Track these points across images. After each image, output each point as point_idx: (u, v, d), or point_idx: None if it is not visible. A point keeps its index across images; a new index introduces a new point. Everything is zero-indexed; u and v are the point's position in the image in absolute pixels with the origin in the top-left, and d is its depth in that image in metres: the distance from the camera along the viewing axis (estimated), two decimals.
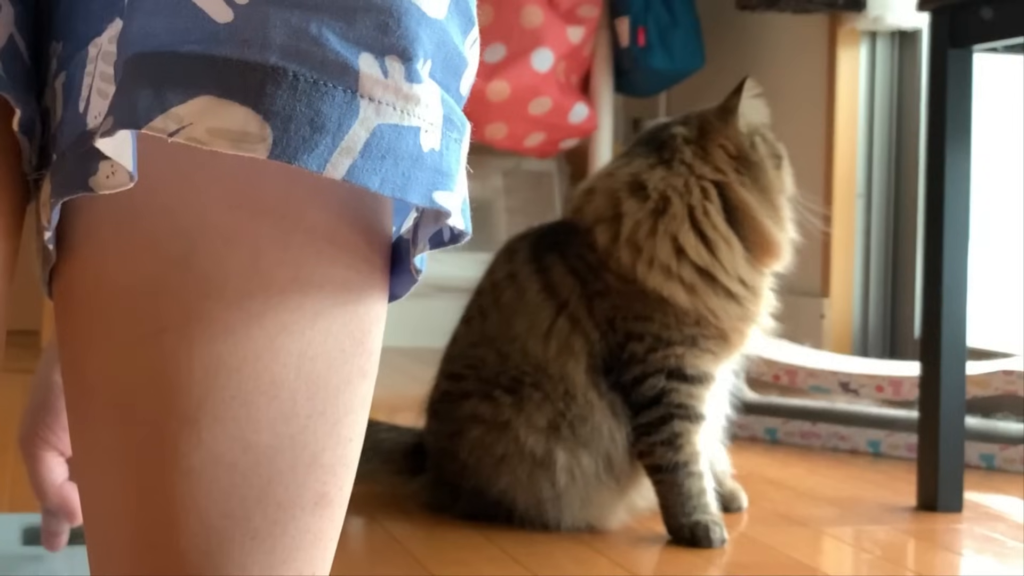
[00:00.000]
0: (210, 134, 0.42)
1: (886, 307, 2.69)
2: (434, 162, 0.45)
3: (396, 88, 0.44)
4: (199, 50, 0.42)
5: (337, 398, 0.48)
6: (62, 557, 1.21)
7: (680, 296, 1.35)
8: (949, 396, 1.52)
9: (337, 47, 0.43)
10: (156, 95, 0.42)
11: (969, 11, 1.49)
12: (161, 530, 0.47)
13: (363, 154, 0.43)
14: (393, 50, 0.44)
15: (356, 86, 0.43)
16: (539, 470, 1.36)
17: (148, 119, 0.42)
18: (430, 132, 0.45)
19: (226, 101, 0.42)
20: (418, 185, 0.44)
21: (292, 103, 0.42)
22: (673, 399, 1.36)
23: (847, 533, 1.44)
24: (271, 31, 0.42)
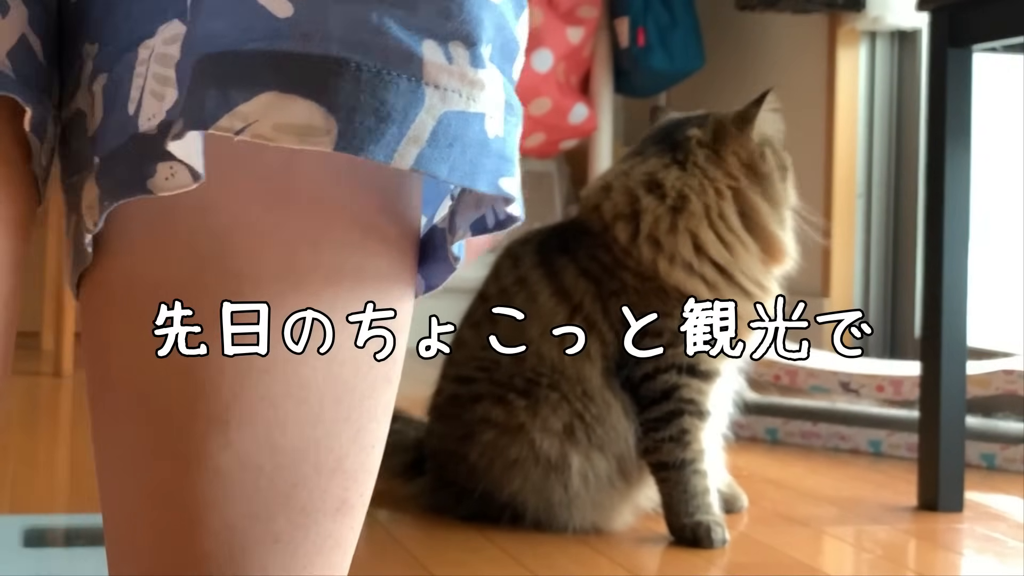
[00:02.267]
0: (275, 130, 0.42)
1: (886, 307, 2.69)
2: (499, 148, 0.44)
3: (461, 74, 0.43)
4: (261, 47, 0.42)
5: (362, 404, 0.48)
6: (63, 558, 1.21)
7: (702, 292, 1.35)
8: (950, 396, 1.52)
9: (399, 35, 0.42)
10: (222, 95, 0.42)
11: (969, 11, 1.49)
12: (184, 530, 0.47)
13: (430, 143, 0.42)
14: (456, 35, 0.43)
15: (420, 74, 0.42)
16: (553, 474, 1.36)
17: (215, 119, 0.42)
18: (494, 118, 0.44)
19: (290, 96, 0.42)
20: (485, 172, 0.44)
21: (356, 94, 0.41)
22: (683, 394, 1.36)
23: (848, 533, 1.44)
24: (331, 23, 0.42)
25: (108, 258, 0.48)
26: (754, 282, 1.38)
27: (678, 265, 1.36)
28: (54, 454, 1.82)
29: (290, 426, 0.47)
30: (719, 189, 1.38)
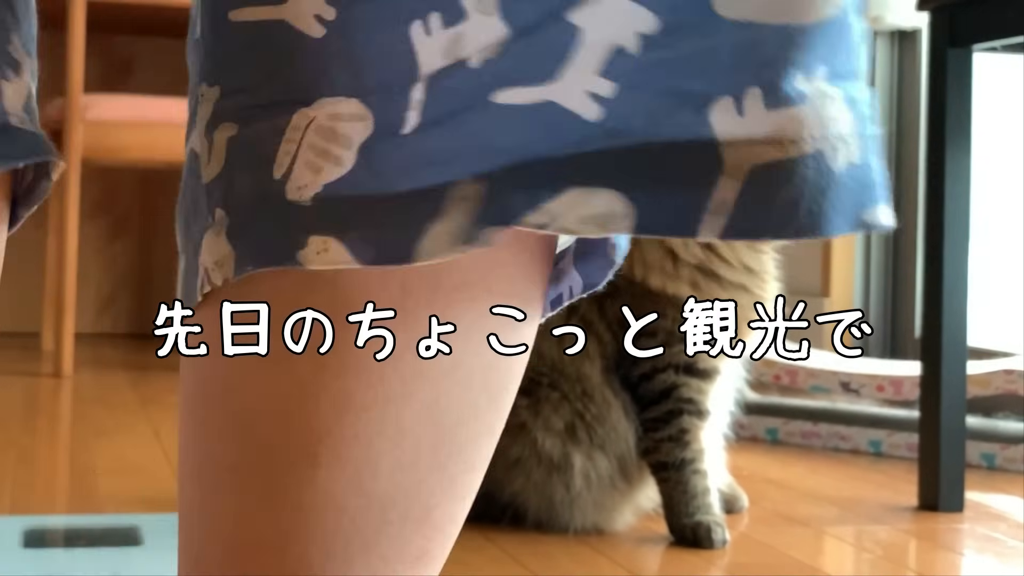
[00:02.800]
0: (579, 222, 0.41)
1: (887, 307, 2.69)
2: (857, 177, 0.39)
3: (761, 120, 0.39)
4: (570, 152, 0.41)
5: (460, 454, 0.46)
6: (63, 558, 1.21)
7: (686, 291, 1.35)
8: (950, 396, 1.52)
9: (688, 110, 0.40)
10: (527, 194, 0.41)
11: (969, 11, 1.49)
12: (256, 559, 0.46)
13: (738, 205, 0.39)
14: (753, 83, 0.39)
15: (711, 135, 0.39)
16: (555, 474, 1.35)
17: (521, 216, 0.41)
18: (838, 148, 0.39)
19: (592, 189, 0.41)
20: (838, 212, 0.39)
21: (650, 175, 0.40)
22: (683, 394, 1.36)
23: (848, 533, 1.44)
24: (634, 120, 0.41)
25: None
26: (745, 270, 1.36)
27: (654, 270, 1.35)
28: (54, 455, 1.82)
29: (382, 469, 0.44)
30: None
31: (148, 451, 1.77)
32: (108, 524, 1.33)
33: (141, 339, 3.22)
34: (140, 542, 1.24)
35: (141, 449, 1.79)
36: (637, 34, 0.41)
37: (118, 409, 2.16)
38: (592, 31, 0.41)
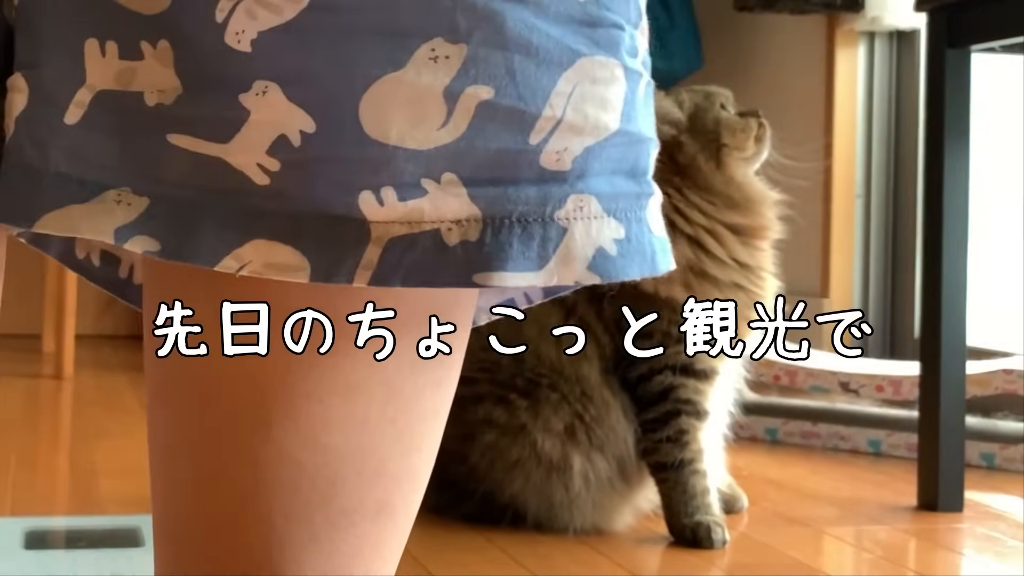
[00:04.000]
0: (264, 268, 0.50)
1: (886, 307, 2.69)
2: (465, 251, 0.49)
3: (395, 208, 0.50)
4: (243, 205, 0.50)
5: (409, 406, 0.51)
6: (63, 560, 1.21)
7: (679, 295, 1.35)
8: (949, 395, 1.53)
9: (343, 196, 0.50)
10: (221, 241, 0.50)
11: (966, 11, 1.49)
12: (225, 523, 0.50)
13: (380, 263, 0.49)
14: (388, 183, 0.50)
15: (362, 216, 0.49)
16: (555, 475, 1.36)
17: (214, 259, 0.50)
18: (453, 229, 0.50)
19: (274, 243, 0.50)
20: (444, 273, 0.49)
21: (318, 239, 0.50)
22: (680, 395, 1.36)
23: (848, 533, 1.45)
24: (299, 191, 0.50)
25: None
26: (739, 266, 1.37)
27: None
28: (55, 456, 1.82)
29: (334, 424, 0.49)
30: (668, 190, 1.37)
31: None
32: (109, 525, 1.33)
33: (141, 341, 3.22)
34: (141, 543, 1.24)
35: (141, 450, 1.79)
36: (298, 130, 0.52)
37: (118, 411, 2.16)
38: (257, 115, 0.51)
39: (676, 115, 1.40)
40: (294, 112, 0.53)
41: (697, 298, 1.42)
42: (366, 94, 0.53)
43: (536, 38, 0.51)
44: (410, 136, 0.53)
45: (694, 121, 1.40)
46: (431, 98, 0.53)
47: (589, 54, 0.52)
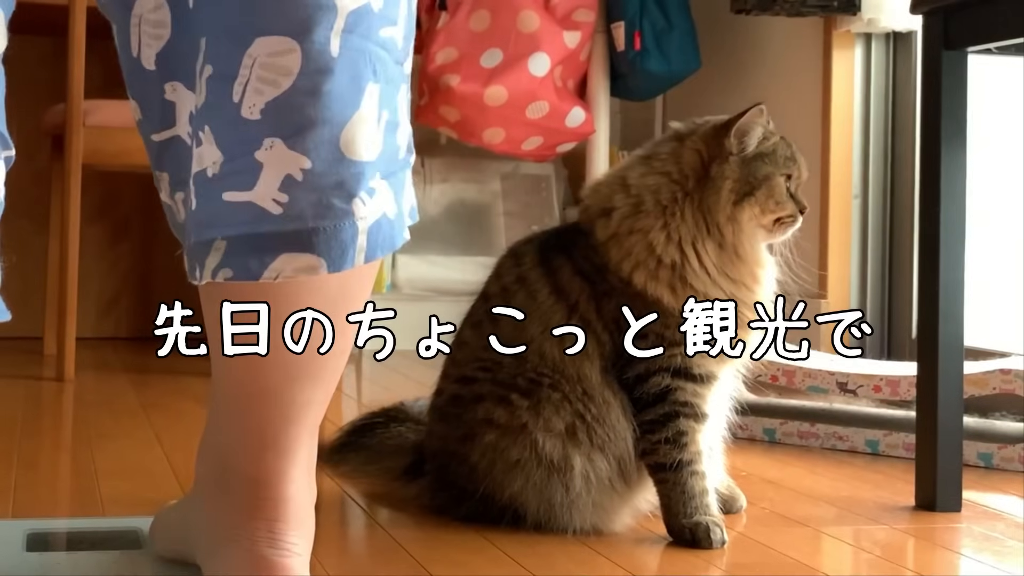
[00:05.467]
0: (294, 271, 0.86)
1: (883, 307, 2.70)
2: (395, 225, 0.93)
3: (370, 207, 0.89)
4: (272, 229, 0.86)
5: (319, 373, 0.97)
6: (65, 562, 1.21)
7: (666, 295, 1.35)
8: (947, 395, 1.53)
9: (340, 203, 0.87)
10: (259, 259, 0.86)
11: (962, 13, 1.49)
12: (261, 422, 0.96)
13: (367, 248, 0.88)
14: (353, 194, 0.88)
15: (355, 214, 0.88)
16: (555, 475, 1.36)
17: (260, 274, 0.86)
18: (388, 211, 0.91)
19: (296, 254, 0.86)
20: (398, 241, 0.93)
21: (328, 242, 0.86)
22: (678, 397, 1.36)
23: (846, 533, 1.45)
24: (306, 212, 0.86)
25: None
26: (722, 281, 1.36)
27: (640, 267, 1.36)
28: (57, 458, 1.82)
29: (321, 379, 0.98)
30: (673, 188, 1.37)
31: (150, 454, 1.78)
32: (110, 527, 1.34)
33: (142, 343, 3.22)
34: (142, 545, 1.24)
35: (143, 452, 1.80)
36: (300, 168, 0.84)
37: (120, 412, 2.16)
38: (268, 165, 0.84)
39: (745, 143, 1.38)
40: (295, 157, 0.84)
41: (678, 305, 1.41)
42: (343, 132, 0.85)
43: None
44: (367, 152, 0.86)
45: (752, 160, 1.38)
46: (373, 123, 0.87)
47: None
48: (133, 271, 3.33)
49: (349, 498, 1.55)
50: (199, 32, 0.87)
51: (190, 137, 0.89)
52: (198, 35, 0.87)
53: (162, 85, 0.91)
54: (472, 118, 2.89)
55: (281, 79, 0.83)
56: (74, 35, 2.51)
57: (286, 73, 0.83)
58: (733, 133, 1.37)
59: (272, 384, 0.94)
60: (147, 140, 0.97)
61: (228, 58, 0.84)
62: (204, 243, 0.88)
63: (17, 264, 1.20)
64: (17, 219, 3.25)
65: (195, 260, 0.89)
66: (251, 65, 0.83)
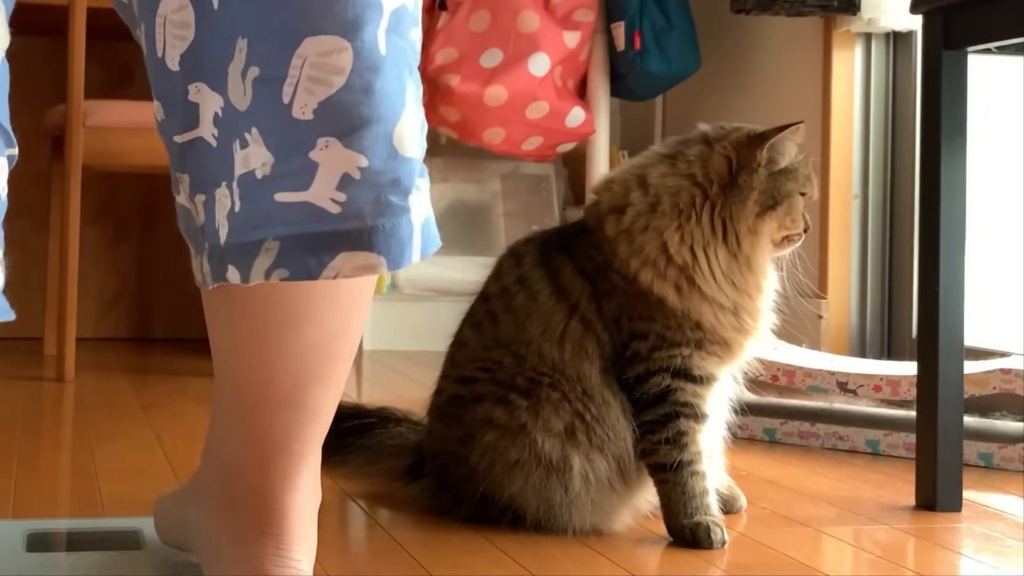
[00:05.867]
0: (353, 270, 0.86)
1: (883, 307, 2.70)
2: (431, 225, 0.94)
3: (421, 202, 0.91)
4: (330, 228, 0.86)
5: (345, 319, 0.94)
6: (65, 562, 1.22)
7: (671, 295, 1.35)
8: (947, 395, 1.53)
9: (397, 200, 0.88)
10: (317, 258, 0.86)
11: (962, 13, 1.49)
12: (270, 375, 0.92)
13: (422, 245, 0.91)
14: (410, 190, 0.89)
15: (411, 211, 0.89)
16: (554, 476, 1.36)
17: (320, 273, 0.86)
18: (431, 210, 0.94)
19: (355, 252, 0.86)
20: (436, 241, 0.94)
21: (387, 240, 0.87)
22: (679, 398, 1.36)
23: (847, 533, 1.45)
24: (364, 211, 0.87)
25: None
26: (728, 287, 1.36)
27: (648, 265, 1.36)
28: (56, 459, 1.82)
29: (326, 321, 0.94)
30: (694, 191, 1.36)
31: (150, 455, 1.78)
32: (110, 528, 1.34)
33: (143, 343, 3.23)
34: (142, 546, 1.25)
35: (143, 453, 1.80)
36: (357, 167, 0.85)
37: (120, 413, 2.16)
38: (324, 165, 0.84)
39: (778, 159, 1.38)
40: (352, 156, 0.85)
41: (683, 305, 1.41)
42: (395, 129, 0.85)
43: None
44: (414, 148, 0.88)
45: (779, 174, 1.38)
46: (416, 120, 0.88)
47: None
48: (133, 272, 3.33)
49: (350, 499, 1.55)
50: (234, 33, 0.86)
51: (215, 139, 0.88)
52: (232, 36, 0.86)
53: (186, 86, 0.89)
54: (472, 118, 2.89)
55: (333, 78, 0.83)
56: (74, 35, 2.51)
57: (338, 72, 0.83)
58: (768, 147, 1.37)
59: (280, 392, 0.93)
60: (169, 142, 0.95)
61: (276, 59, 0.84)
62: (250, 244, 0.86)
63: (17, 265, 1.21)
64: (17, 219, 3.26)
65: (233, 262, 0.88)
66: (301, 66, 0.83)
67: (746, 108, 3.05)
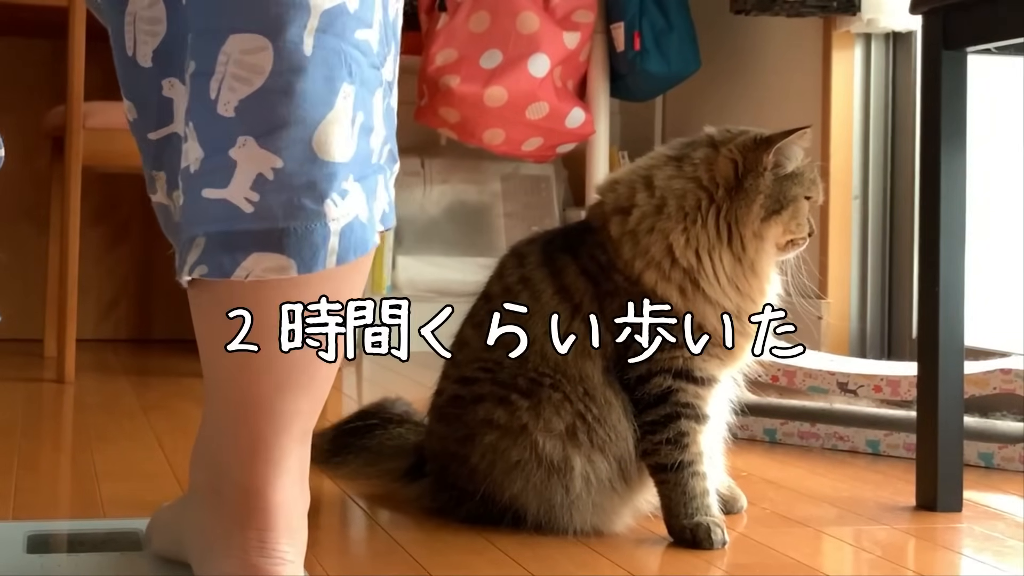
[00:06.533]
0: (264, 272, 0.85)
1: (883, 308, 2.70)
2: (367, 229, 0.91)
3: (343, 209, 0.88)
4: (244, 227, 0.85)
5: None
6: (66, 564, 1.22)
7: (674, 297, 1.35)
8: (947, 395, 1.53)
9: (311, 205, 0.86)
10: (231, 257, 0.85)
11: (961, 14, 1.49)
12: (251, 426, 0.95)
13: (339, 250, 0.87)
14: (326, 196, 0.87)
15: (327, 215, 0.87)
16: (555, 476, 1.36)
17: (232, 272, 0.85)
18: (360, 214, 0.90)
19: (266, 253, 0.85)
20: (371, 244, 0.92)
21: (299, 243, 0.85)
22: (680, 398, 1.36)
23: (847, 533, 1.45)
24: (276, 211, 0.85)
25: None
26: (731, 290, 1.36)
27: (653, 267, 1.36)
28: (57, 460, 1.82)
29: (312, 389, 0.97)
30: (700, 194, 1.36)
31: (150, 456, 1.78)
32: (111, 529, 1.34)
33: (143, 345, 3.23)
34: (143, 547, 1.25)
35: (143, 454, 1.80)
36: (271, 168, 0.84)
37: (120, 415, 2.16)
38: (242, 163, 0.84)
39: (784, 163, 1.38)
40: (267, 156, 0.84)
41: (686, 308, 1.42)
42: (315, 132, 0.84)
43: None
44: (340, 153, 0.86)
45: (785, 179, 1.38)
46: (347, 124, 0.86)
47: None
48: (133, 273, 3.33)
49: (350, 499, 1.55)
50: (187, 28, 0.87)
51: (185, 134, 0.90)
52: (186, 31, 0.87)
53: (159, 82, 0.91)
54: (472, 119, 2.89)
55: (254, 77, 0.83)
56: (74, 37, 2.51)
57: (258, 71, 0.83)
58: (775, 151, 1.37)
59: (261, 394, 0.93)
60: (143, 140, 0.96)
61: (206, 54, 0.84)
62: (188, 240, 0.89)
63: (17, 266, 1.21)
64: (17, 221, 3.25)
65: (180, 258, 0.91)
66: (226, 62, 0.84)
67: (746, 109, 3.05)
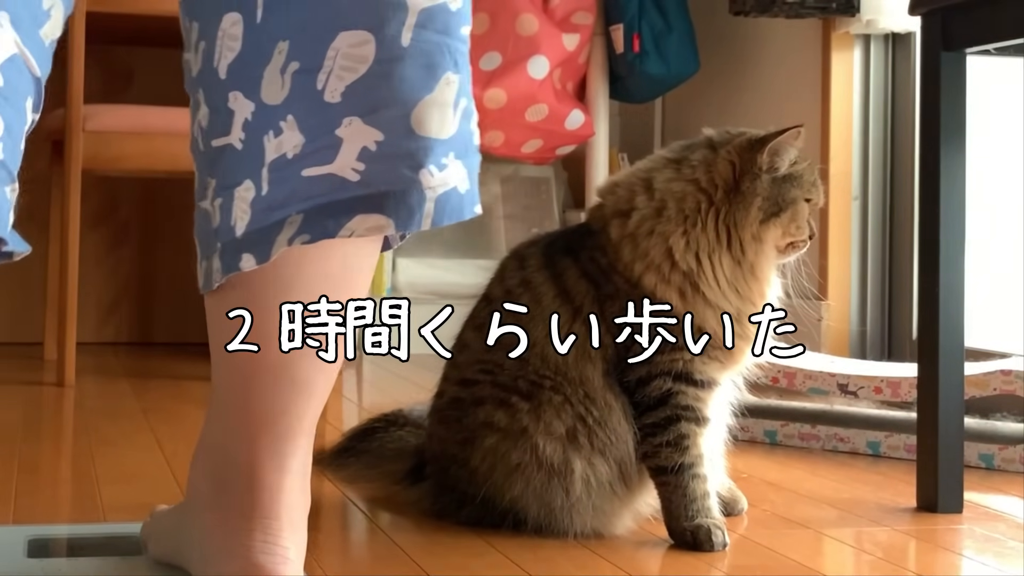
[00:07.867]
0: (367, 231, 0.97)
1: (883, 309, 2.70)
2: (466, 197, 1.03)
3: (438, 179, 0.99)
4: (349, 195, 0.97)
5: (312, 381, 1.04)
6: (66, 568, 1.22)
7: (674, 300, 1.35)
8: (947, 397, 1.53)
9: (408, 172, 0.98)
10: (335, 220, 0.97)
11: (960, 15, 1.49)
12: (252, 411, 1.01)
13: (434, 215, 0.99)
14: (428, 162, 0.99)
15: (422, 184, 0.98)
16: (555, 479, 1.36)
17: (336, 232, 0.97)
18: (459, 185, 1.02)
19: (368, 214, 0.97)
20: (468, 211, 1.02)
21: (397, 205, 0.97)
22: (680, 401, 1.36)
23: (848, 535, 1.45)
24: (379, 179, 0.97)
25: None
26: (731, 294, 1.36)
27: (652, 270, 1.36)
28: (57, 464, 1.82)
29: (315, 386, 1.04)
30: (699, 197, 1.36)
31: (151, 460, 1.78)
32: (111, 533, 1.34)
33: (143, 348, 3.23)
34: (143, 551, 1.25)
35: (144, 458, 1.80)
36: (374, 141, 0.97)
37: (121, 418, 2.16)
38: (348, 140, 0.97)
39: (777, 163, 1.38)
40: (368, 131, 0.97)
41: (686, 309, 1.42)
42: (413, 111, 0.97)
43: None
44: (437, 130, 0.99)
45: (783, 181, 1.38)
46: (448, 107, 0.99)
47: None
48: (133, 276, 3.33)
49: (350, 502, 1.55)
50: (276, 37, 0.99)
51: (241, 143, 1.00)
52: (274, 40, 0.99)
53: (227, 93, 1.00)
54: None
55: (359, 66, 0.97)
56: (74, 40, 2.51)
57: (363, 61, 0.97)
58: (767, 151, 1.37)
59: (273, 361, 0.99)
60: (207, 146, 1.03)
61: (313, 52, 0.97)
62: (272, 225, 0.98)
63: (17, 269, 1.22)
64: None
65: (250, 250, 0.98)
66: (334, 56, 0.97)
67: (746, 110, 3.05)
